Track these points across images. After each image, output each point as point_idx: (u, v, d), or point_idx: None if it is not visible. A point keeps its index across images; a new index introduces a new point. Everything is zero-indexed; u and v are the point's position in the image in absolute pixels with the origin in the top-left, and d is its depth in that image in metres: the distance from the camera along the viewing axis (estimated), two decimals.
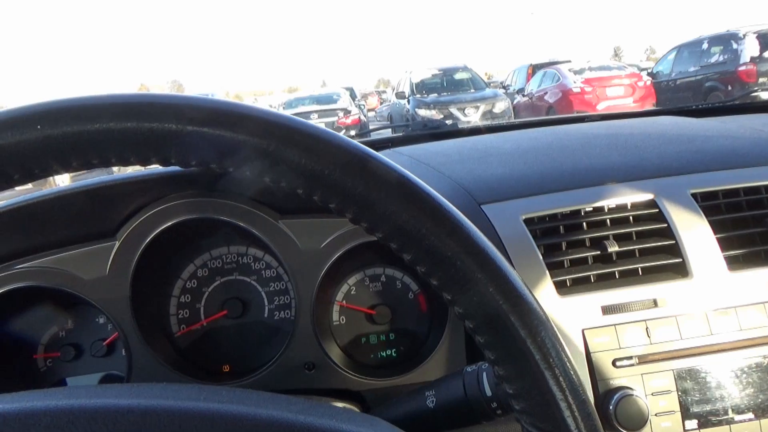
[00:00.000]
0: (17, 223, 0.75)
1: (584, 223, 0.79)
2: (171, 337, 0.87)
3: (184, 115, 0.35)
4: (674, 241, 0.76)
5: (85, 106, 0.35)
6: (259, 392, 0.38)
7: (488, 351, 0.38)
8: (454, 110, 10.32)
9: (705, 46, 9.78)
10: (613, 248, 0.76)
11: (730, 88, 8.87)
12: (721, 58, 9.36)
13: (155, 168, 0.79)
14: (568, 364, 0.37)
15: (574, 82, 10.36)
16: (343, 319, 0.89)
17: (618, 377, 0.70)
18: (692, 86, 9.75)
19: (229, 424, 0.31)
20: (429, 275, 0.38)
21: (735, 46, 9.07)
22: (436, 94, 11.24)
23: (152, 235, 0.77)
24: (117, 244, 0.78)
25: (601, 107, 9.88)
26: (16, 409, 0.30)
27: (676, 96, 10.05)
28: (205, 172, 0.76)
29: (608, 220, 0.79)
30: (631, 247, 0.77)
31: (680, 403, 0.69)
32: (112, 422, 0.30)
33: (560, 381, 0.36)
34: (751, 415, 0.70)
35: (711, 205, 0.79)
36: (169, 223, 0.77)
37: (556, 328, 0.38)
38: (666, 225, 0.77)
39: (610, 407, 0.67)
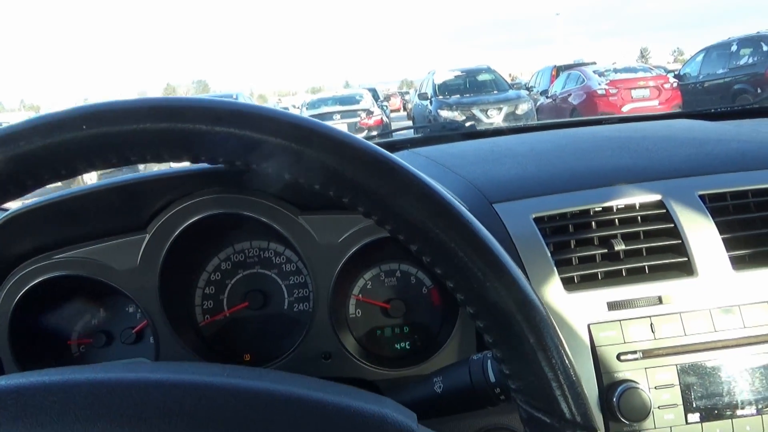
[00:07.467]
0: (55, 216, 0.81)
1: (593, 223, 0.81)
2: (196, 327, 0.92)
3: (216, 118, 0.39)
4: (680, 241, 0.78)
5: (127, 108, 0.39)
6: (276, 371, 0.42)
7: (487, 334, 0.41)
8: (476, 111, 10.30)
9: (734, 47, 9.61)
10: (620, 247, 0.78)
11: (759, 90, 8.70)
12: (750, 60, 9.19)
13: (183, 165, 0.83)
14: (560, 347, 0.40)
15: (599, 84, 10.26)
16: (359, 312, 0.92)
17: (622, 371, 0.72)
18: (720, 89, 9.58)
19: (248, 397, 0.34)
20: (433, 265, 0.41)
21: (765, 48, 8.89)
22: (458, 96, 11.21)
23: (180, 229, 0.82)
24: (147, 236, 0.83)
25: (626, 109, 9.76)
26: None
27: (704, 98, 9.88)
28: (232, 170, 0.81)
29: (616, 220, 0.81)
30: (638, 246, 0.79)
31: (683, 396, 0.72)
32: (145, 392, 0.34)
33: (552, 362, 0.40)
34: (753, 410, 0.72)
35: (718, 207, 0.81)
36: (197, 218, 0.82)
37: (562, 323, 0.41)
38: (673, 225, 0.79)
39: (614, 399, 0.70)
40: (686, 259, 0.77)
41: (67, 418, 0.31)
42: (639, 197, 0.82)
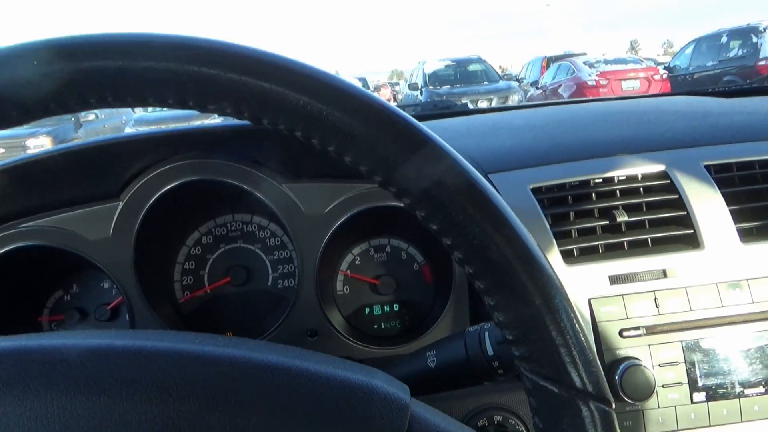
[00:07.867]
0: (22, 181, 0.75)
1: (593, 194, 0.77)
2: (175, 303, 0.87)
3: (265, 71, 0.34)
4: (685, 212, 0.74)
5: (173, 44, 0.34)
6: (256, 340, 0.37)
7: (488, 297, 0.37)
8: (467, 102, 10.26)
9: (724, 39, 9.62)
10: (622, 218, 0.74)
11: (748, 82, 8.73)
12: (740, 52, 9.20)
13: (161, 128, 0.78)
14: (570, 310, 0.36)
15: (589, 75, 10.25)
16: (347, 289, 0.88)
17: (625, 347, 0.69)
18: (710, 80, 9.59)
19: (221, 365, 0.30)
20: (429, 220, 0.37)
21: (755, 39, 8.91)
22: (449, 86, 11.16)
23: (156, 196, 0.76)
24: (121, 204, 0.77)
25: None
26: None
27: (693, 90, 9.91)
28: (221, 137, 0.76)
29: (618, 191, 0.77)
30: (641, 218, 0.75)
31: (688, 375, 0.68)
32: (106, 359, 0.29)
33: (561, 326, 0.35)
34: (761, 389, 0.68)
35: (725, 178, 0.77)
36: (173, 184, 0.76)
37: None
38: (677, 196, 0.75)
39: (616, 377, 0.66)
40: (692, 231, 0.73)
41: (16, 387, 0.27)
42: (642, 168, 0.78)
